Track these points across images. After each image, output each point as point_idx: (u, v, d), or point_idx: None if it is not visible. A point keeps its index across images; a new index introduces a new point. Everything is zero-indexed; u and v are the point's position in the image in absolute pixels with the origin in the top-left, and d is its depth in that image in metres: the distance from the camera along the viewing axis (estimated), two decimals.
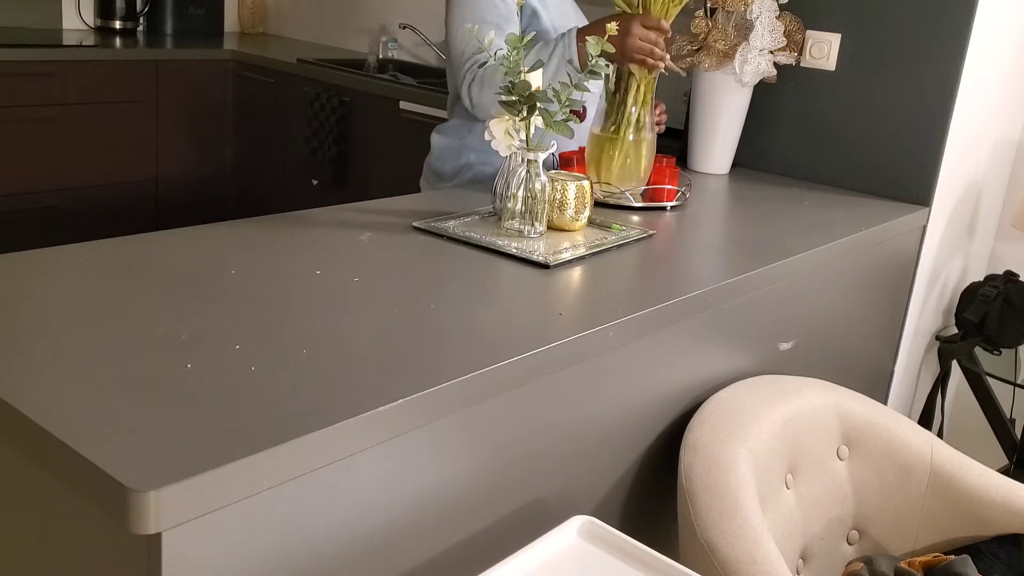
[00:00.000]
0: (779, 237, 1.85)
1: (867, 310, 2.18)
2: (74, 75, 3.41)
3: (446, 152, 2.20)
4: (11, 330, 1.10)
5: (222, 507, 0.89)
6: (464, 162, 2.16)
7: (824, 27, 2.33)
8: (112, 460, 0.85)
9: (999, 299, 2.33)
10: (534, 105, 1.57)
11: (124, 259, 1.36)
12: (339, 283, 1.35)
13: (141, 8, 4.04)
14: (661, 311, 1.41)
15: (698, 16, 2.29)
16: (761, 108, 2.43)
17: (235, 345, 1.11)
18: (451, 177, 2.19)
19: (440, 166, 2.21)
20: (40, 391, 0.96)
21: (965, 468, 1.64)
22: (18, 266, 1.29)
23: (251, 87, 3.79)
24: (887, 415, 1.71)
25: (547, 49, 1.93)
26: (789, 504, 1.59)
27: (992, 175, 2.54)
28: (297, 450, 0.93)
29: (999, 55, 2.32)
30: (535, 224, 1.63)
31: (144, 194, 3.74)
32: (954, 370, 2.52)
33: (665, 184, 1.97)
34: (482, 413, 1.18)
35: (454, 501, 1.19)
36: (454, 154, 2.18)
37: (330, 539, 1.04)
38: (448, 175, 2.19)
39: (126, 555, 0.90)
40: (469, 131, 2.14)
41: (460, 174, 2.18)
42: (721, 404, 1.57)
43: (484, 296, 1.37)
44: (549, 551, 1.11)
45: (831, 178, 2.38)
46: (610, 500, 1.49)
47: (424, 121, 3.18)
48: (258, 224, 1.59)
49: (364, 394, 1.03)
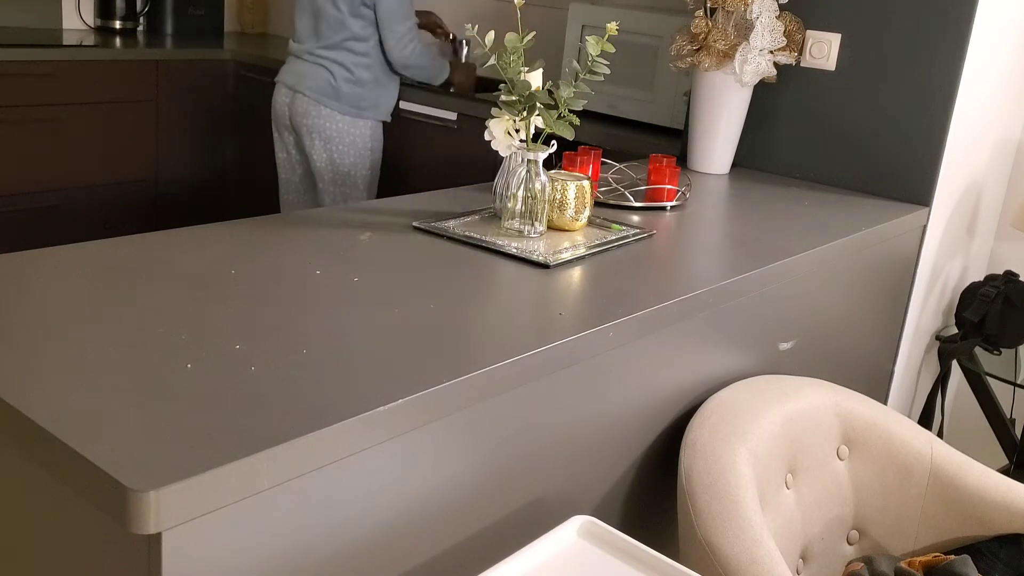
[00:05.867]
0: (779, 237, 1.85)
1: (867, 310, 2.18)
2: (74, 75, 3.41)
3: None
4: (11, 330, 1.10)
5: (222, 507, 0.89)
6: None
7: (824, 27, 2.33)
8: (112, 460, 0.85)
9: (999, 299, 2.33)
10: (534, 105, 1.57)
11: (124, 259, 1.36)
12: (339, 283, 1.35)
13: (141, 8, 4.04)
14: (661, 311, 1.41)
15: (698, 16, 2.29)
16: (761, 108, 2.43)
17: (235, 345, 1.11)
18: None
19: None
20: (40, 391, 0.96)
21: (965, 468, 1.64)
22: (18, 266, 1.29)
23: (251, 87, 3.79)
24: (887, 415, 1.71)
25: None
26: (789, 504, 1.59)
27: (992, 175, 2.54)
28: (297, 450, 0.93)
29: (999, 55, 2.32)
30: (535, 224, 1.63)
31: (144, 194, 3.74)
32: (954, 370, 2.52)
33: (665, 184, 1.97)
34: (482, 413, 1.18)
35: (454, 501, 1.19)
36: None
37: (330, 539, 1.04)
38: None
39: (126, 555, 0.90)
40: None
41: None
42: (721, 404, 1.57)
43: (484, 296, 1.37)
44: (549, 551, 1.11)
45: (831, 178, 2.38)
46: (610, 500, 1.49)
47: (424, 121, 3.18)
48: (258, 224, 1.59)
49: (364, 394, 1.03)
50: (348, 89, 2.94)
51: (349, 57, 2.92)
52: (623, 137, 2.75)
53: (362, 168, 3.03)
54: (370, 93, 2.99)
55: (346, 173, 3.00)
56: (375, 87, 2.99)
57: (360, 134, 2.99)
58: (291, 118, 3.02)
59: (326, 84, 2.93)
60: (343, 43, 2.91)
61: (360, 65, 2.94)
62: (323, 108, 2.94)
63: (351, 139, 2.98)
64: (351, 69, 2.93)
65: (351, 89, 2.94)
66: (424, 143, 3.22)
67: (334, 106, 2.94)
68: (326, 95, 2.93)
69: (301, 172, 3.15)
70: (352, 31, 2.90)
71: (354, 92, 2.95)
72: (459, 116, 3.09)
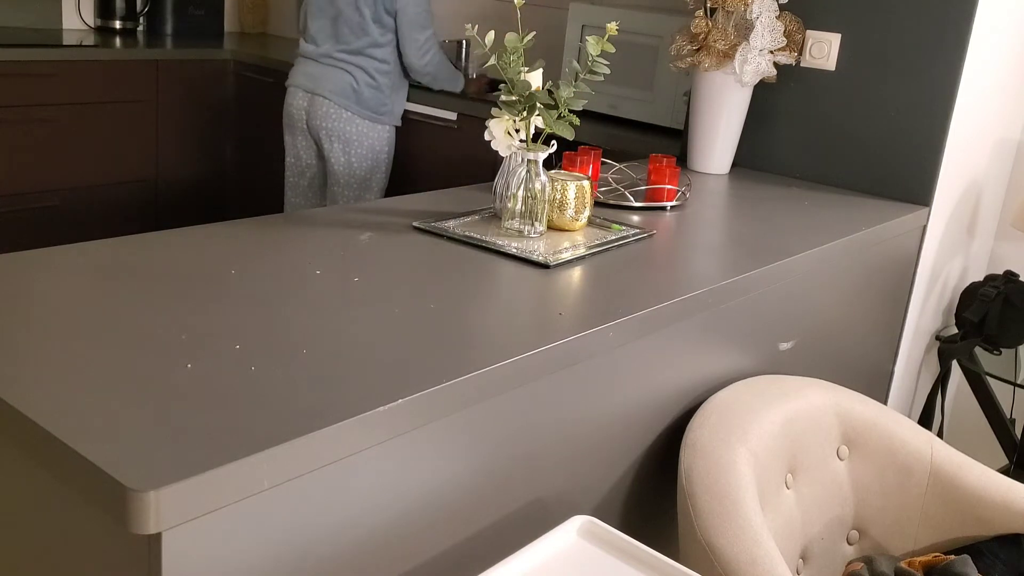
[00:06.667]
0: (779, 237, 1.85)
1: (867, 310, 2.18)
2: (74, 75, 3.41)
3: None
4: (11, 330, 1.10)
5: (222, 507, 0.89)
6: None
7: (824, 27, 2.33)
8: (112, 460, 0.85)
9: (999, 299, 2.33)
10: (534, 105, 1.57)
11: (124, 259, 1.36)
12: (339, 283, 1.35)
13: (141, 8, 4.04)
14: (661, 311, 1.41)
15: (698, 16, 2.29)
16: (761, 108, 2.44)
17: (235, 345, 1.11)
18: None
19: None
20: (40, 391, 0.96)
21: (965, 468, 1.64)
22: (18, 266, 1.29)
23: (251, 87, 3.79)
24: (887, 415, 1.71)
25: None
26: (789, 504, 1.59)
27: (992, 175, 2.54)
28: (297, 450, 0.93)
29: (999, 55, 2.32)
30: (535, 224, 1.63)
31: (144, 194, 3.74)
32: (954, 370, 2.52)
33: (665, 184, 1.97)
34: (482, 413, 1.18)
35: (454, 501, 1.19)
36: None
37: (330, 539, 1.04)
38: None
39: (126, 555, 0.90)
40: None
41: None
42: (721, 404, 1.57)
43: (484, 296, 1.37)
44: (549, 551, 1.11)
45: (831, 178, 2.38)
46: (610, 500, 1.49)
47: (424, 121, 3.18)
48: (258, 224, 1.59)
49: (364, 394, 1.03)
50: (369, 94, 2.94)
51: (371, 63, 2.93)
52: (623, 137, 2.75)
53: (377, 173, 3.04)
54: (388, 99, 2.99)
55: (363, 177, 3.01)
56: (392, 92, 3.00)
57: (378, 138, 3.00)
58: (308, 121, 3.02)
59: (348, 88, 2.93)
60: (365, 49, 2.91)
61: (381, 71, 2.94)
62: (344, 112, 2.94)
63: (370, 143, 2.98)
64: (373, 75, 2.93)
65: (372, 94, 2.95)
66: (424, 143, 3.22)
67: (355, 110, 2.94)
68: (348, 99, 2.93)
69: (310, 176, 3.14)
70: (373, 37, 2.90)
71: (375, 97, 2.95)
72: (459, 116, 3.09)
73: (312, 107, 2.98)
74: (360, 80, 2.93)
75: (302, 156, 3.11)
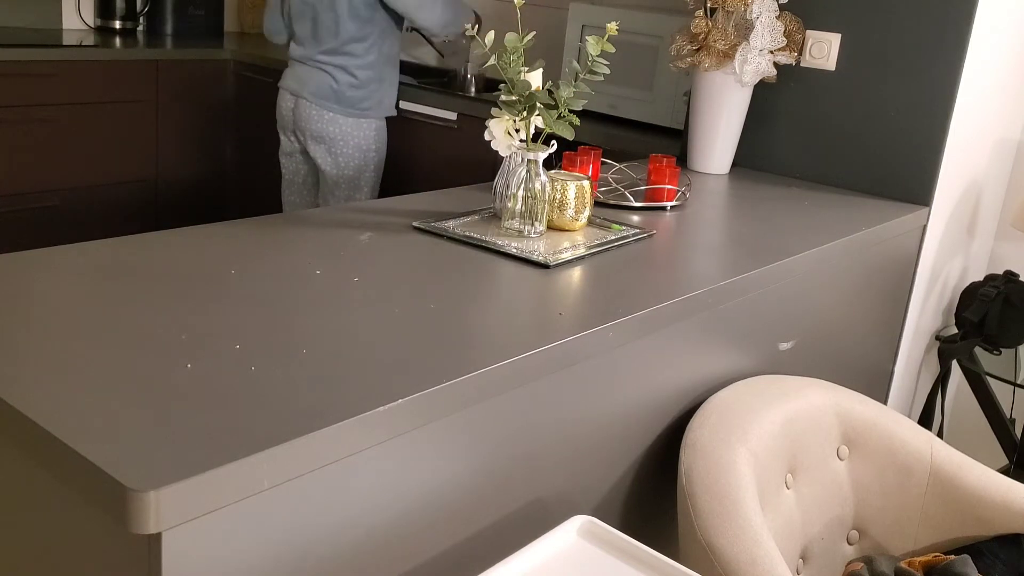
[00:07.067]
0: (779, 237, 1.85)
1: (867, 310, 2.18)
2: (74, 75, 3.41)
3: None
4: (11, 330, 1.10)
5: (222, 507, 0.89)
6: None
7: (824, 27, 2.33)
8: (112, 460, 0.85)
9: (999, 299, 2.33)
10: (534, 105, 1.57)
11: (124, 259, 1.36)
12: (339, 283, 1.35)
13: (141, 8, 4.04)
14: (661, 311, 1.41)
15: (698, 16, 2.29)
16: (761, 108, 2.43)
17: (235, 345, 1.11)
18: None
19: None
20: (40, 391, 0.96)
21: (965, 468, 1.64)
22: (18, 266, 1.29)
23: (251, 87, 3.79)
24: (887, 415, 1.71)
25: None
26: (789, 504, 1.59)
27: (992, 175, 2.54)
28: (297, 450, 0.93)
29: (999, 55, 2.32)
30: (535, 224, 1.63)
31: (144, 194, 3.74)
32: (954, 370, 2.52)
33: (665, 184, 1.97)
34: (482, 413, 1.18)
35: (454, 501, 1.19)
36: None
37: (330, 539, 1.04)
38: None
39: (126, 555, 0.90)
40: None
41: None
42: (721, 404, 1.57)
43: (484, 296, 1.37)
44: (549, 551, 1.11)
45: (831, 178, 2.38)
46: (610, 500, 1.49)
47: (424, 121, 3.18)
48: (258, 224, 1.59)
49: (364, 394, 1.03)
50: (351, 92, 2.95)
51: (351, 60, 2.93)
52: (623, 137, 2.75)
53: (367, 171, 3.04)
54: (373, 93, 2.99)
55: (351, 176, 3.01)
56: (378, 85, 3.00)
57: (364, 135, 3.00)
58: (295, 123, 3.03)
59: (328, 89, 2.94)
60: (343, 47, 2.92)
61: (362, 66, 2.95)
62: (326, 113, 2.95)
63: (356, 141, 2.98)
64: (353, 72, 2.94)
65: (354, 92, 2.95)
66: (424, 143, 3.22)
67: (337, 109, 2.95)
68: (328, 99, 2.94)
69: (304, 173, 3.17)
70: (350, 33, 2.90)
71: (356, 94, 2.96)
72: (459, 116, 3.09)
73: (297, 109, 3.01)
74: (340, 80, 2.94)
75: (295, 155, 3.14)
